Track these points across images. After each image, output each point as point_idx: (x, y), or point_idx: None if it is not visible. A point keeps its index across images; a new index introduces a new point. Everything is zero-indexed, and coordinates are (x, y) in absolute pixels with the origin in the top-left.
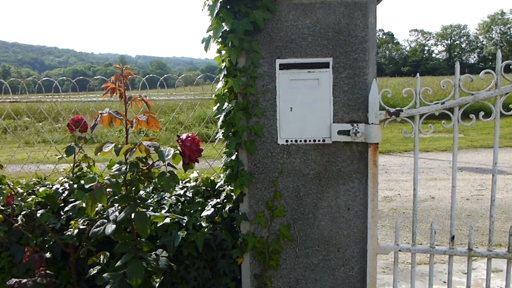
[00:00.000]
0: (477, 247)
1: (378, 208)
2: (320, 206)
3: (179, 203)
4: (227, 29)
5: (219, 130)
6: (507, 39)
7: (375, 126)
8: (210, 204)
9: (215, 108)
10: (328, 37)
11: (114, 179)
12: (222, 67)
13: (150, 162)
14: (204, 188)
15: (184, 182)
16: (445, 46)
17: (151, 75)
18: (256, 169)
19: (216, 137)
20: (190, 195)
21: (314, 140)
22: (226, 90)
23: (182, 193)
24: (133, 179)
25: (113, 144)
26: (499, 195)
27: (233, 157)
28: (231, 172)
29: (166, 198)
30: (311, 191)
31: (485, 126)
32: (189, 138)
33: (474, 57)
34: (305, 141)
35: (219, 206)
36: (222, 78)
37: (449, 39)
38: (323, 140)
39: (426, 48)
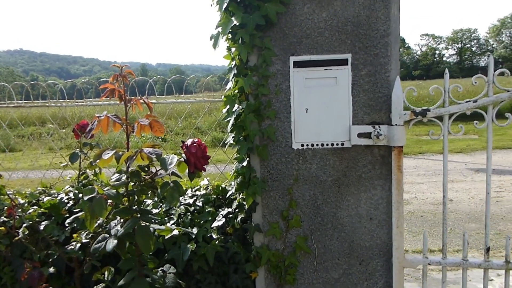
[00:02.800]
0: (500, 251)
1: (403, 217)
2: (340, 216)
3: (188, 213)
4: (237, 24)
5: (229, 134)
6: None
7: (399, 127)
8: (221, 214)
9: (224, 110)
10: (346, 31)
11: (114, 190)
12: (232, 66)
13: (154, 170)
14: (215, 196)
15: (193, 190)
16: (456, 50)
17: (174, 76)
18: (269, 176)
19: (226, 141)
20: (200, 204)
21: (332, 144)
22: (236, 90)
23: (191, 202)
24: (134, 189)
25: (113, 151)
26: None
27: (245, 163)
28: (243, 180)
29: (174, 208)
30: (329, 199)
31: (499, 127)
32: (194, 144)
33: (485, 60)
34: (322, 145)
35: (230, 216)
36: (232, 77)
37: (459, 42)
38: (342, 144)
39: (437, 52)
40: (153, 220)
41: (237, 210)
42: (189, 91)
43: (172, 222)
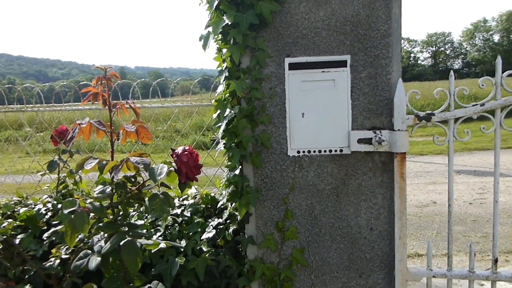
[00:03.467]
0: (488, 254)
1: (406, 227)
2: (338, 226)
3: (176, 224)
4: (229, 24)
5: (220, 140)
6: (490, 46)
7: (402, 133)
8: (211, 225)
9: (215, 115)
10: (345, 31)
11: (98, 203)
12: (223, 68)
13: (141, 180)
14: (203, 206)
15: (181, 199)
16: (430, 53)
17: (159, 80)
18: (263, 185)
19: (216, 148)
20: (189, 214)
21: (330, 151)
22: (228, 94)
23: (179, 213)
24: (120, 202)
25: (96, 160)
26: (502, 199)
27: (237, 172)
28: (235, 189)
29: (161, 218)
30: (327, 209)
31: (477, 128)
32: (186, 153)
33: (458, 63)
34: (320, 151)
35: (221, 227)
36: (223, 80)
37: (434, 46)
38: (341, 150)
39: (412, 55)
40: (141, 235)
41: (228, 220)
42: (168, 94)
43: (159, 234)
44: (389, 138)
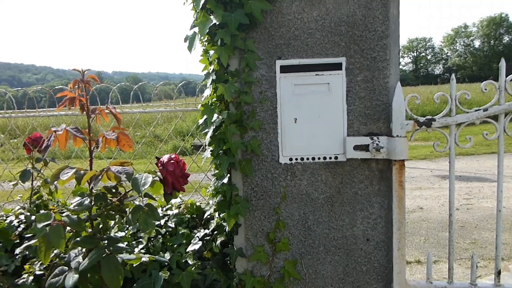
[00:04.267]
0: (478, 261)
1: (405, 238)
2: (333, 237)
3: (160, 236)
4: (216, 24)
5: (207, 147)
6: (471, 51)
7: (401, 139)
8: (197, 237)
9: (201, 120)
10: (340, 32)
11: (75, 216)
12: (210, 71)
13: (122, 190)
14: (189, 216)
15: (164, 209)
16: (412, 58)
17: (141, 83)
18: (253, 194)
19: (203, 156)
20: (173, 225)
21: (325, 158)
22: (215, 98)
23: (162, 223)
24: (99, 214)
25: (73, 170)
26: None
27: (225, 180)
28: (223, 199)
29: (145, 231)
30: (321, 219)
31: (461, 133)
32: (172, 161)
33: (440, 68)
34: (313, 159)
35: (208, 238)
36: (210, 84)
37: (415, 51)
38: (336, 158)
39: None
40: (122, 250)
41: (215, 232)
42: (146, 99)
43: (141, 246)
44: (387, 144)
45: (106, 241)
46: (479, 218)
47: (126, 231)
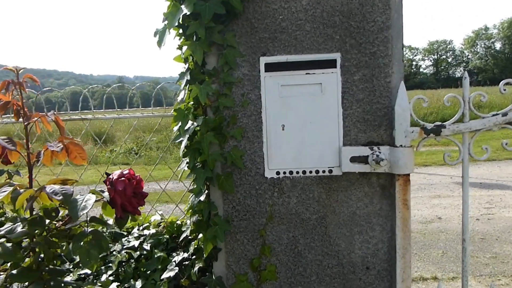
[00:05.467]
0: (499, 279)
1: (411, 267)
2: (327, 265)
3: (132, 260)
4: (188, 14)
5: (183, 159)
6: (492, 53)
7: (405, 149)
8: (174, 261)
9: (175, 128)
10: (334, 23)
11: (10, 244)
12: (185, 70)
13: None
14: (168, 236)
15: (141, 228)
16: (432, 61)
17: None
18: (235, 214)
19: (179, 167)
20: (148, 247)
21: (317, 171)
22: (191, 102)
23: (136, 245)
24: (39, 242)
25: (11, 188)
26: (510, 214)
27: (202, 198)
28: (200, 219)
29: (114, 253)
30: (313, 244)
31: (481, 138)
32: (122, 179)
33: (460, 70)
34: (304, 172)
35: (186, 263)
36: (185, 85)
37: (435, 54)
38: (330, 171)
39: (414, 63)
40: (68, 285)
41: (194, 256)
42: (168, 104)
43: (110, 272)
44: (389, 156)
45: (48, 275)
46: (500, 230)
47: None
